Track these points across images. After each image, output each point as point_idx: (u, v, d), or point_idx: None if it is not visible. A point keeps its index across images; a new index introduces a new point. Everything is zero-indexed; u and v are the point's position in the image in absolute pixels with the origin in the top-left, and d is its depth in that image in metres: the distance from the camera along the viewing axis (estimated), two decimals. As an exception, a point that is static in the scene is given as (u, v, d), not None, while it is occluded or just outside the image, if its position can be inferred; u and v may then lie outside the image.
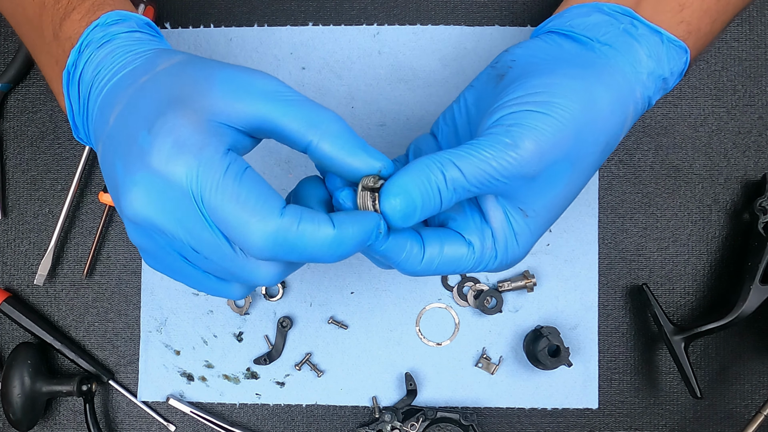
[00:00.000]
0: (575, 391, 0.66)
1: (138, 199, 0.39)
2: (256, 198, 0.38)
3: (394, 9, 0.67)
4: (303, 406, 0.67)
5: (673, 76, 0.51)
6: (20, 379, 0.63)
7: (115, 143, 0.41)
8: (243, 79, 0.41)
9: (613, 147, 0.49)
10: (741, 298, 0.62)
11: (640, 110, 0.50)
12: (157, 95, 0.41)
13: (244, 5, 0.67)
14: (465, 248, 0.46)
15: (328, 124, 0.41)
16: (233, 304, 0.66)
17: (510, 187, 0.44)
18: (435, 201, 0.42)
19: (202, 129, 0.39)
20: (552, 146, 0.44)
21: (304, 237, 0.39)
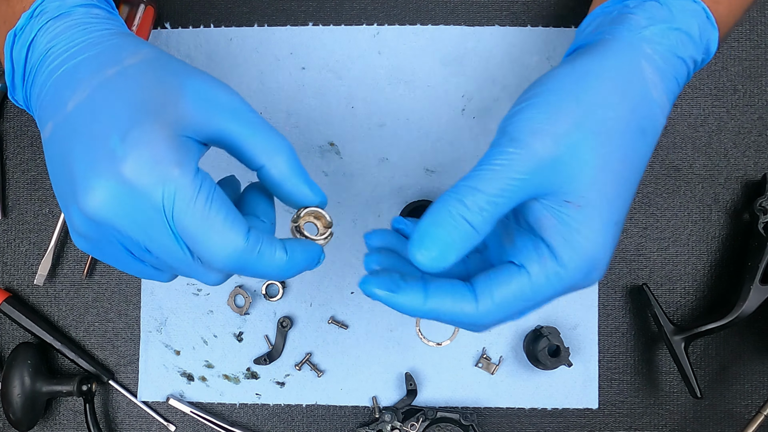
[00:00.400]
0: (575, 391, 0.66)
1: (101, 200, 0.40)
2: (223, 221, 0.41)
3: (394, 9, 0.67)
4: (303, 406, 0.67)
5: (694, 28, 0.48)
6: (20, 379, 0.63)
7: (75, 133, 0.41)
8: (211, 93, 0.43)
9: (649, 100, 0.45)
10: (741, 298, 0.62)
11: (664, 64, 0.47)
12: (127, 97, 0.41)
13: (244, 5, 0.67)
14: (520, 275, 0.43)
15: (281, 153, 0.44)
16: (233, 304, 0.66)
17: (540, 182, 0.42)
18: (466, 231, 0.42)
19: (176, 146, 0.41)
20: (550, 122, 0.43)
21: (262, 260, 0.42)
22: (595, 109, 0.44)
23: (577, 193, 0.43)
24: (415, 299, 0.44)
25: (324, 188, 0.67)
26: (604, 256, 0.44)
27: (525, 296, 0.43)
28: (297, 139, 0.67)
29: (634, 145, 0.45)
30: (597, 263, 0.44)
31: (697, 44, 0.49)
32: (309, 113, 0.67)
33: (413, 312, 0.45)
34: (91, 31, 0.45)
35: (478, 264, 0.50)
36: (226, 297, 0.67)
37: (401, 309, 0.45)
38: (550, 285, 0.43)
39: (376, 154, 0.67)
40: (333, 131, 0.67)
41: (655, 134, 0.46)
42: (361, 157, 0.67)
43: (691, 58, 0.49)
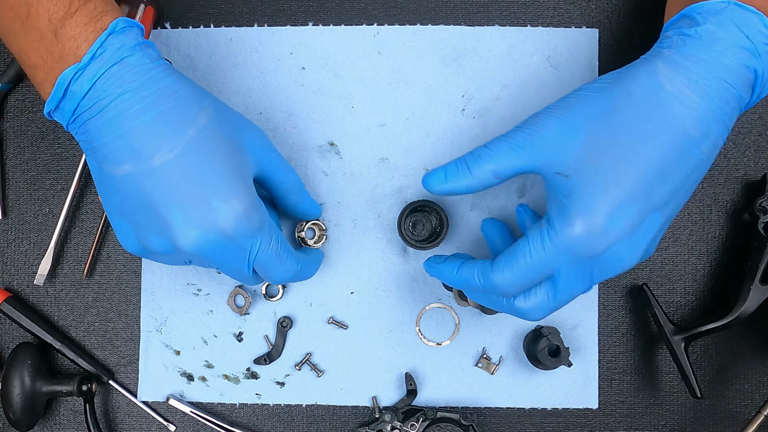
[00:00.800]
0: (575, 391, 0.66)
1: (199, 243, 0.51)
2: (288, 255, 0.56)
3: (394, 9, 0.67)
4: (303, 406, 0.67)
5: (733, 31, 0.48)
6: (20, 379, 0.63)
7: (172, 187, 0.51)
8: (258, 143, 0.56)
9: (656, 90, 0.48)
10: (741, 298, 0.62)
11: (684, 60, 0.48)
12: (215, 159, 0.52)
13: (244, 5, 0.67)
14: (522, 240, 0.51)
15: (294, 187, 0.61)
16: (233, 304, 0.66)
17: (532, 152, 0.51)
18: (461, 168, 0.54)
19: (256, 203, 0.53)
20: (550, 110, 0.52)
21: (303, 273, 0.59)
22: (591, 100, 0.50)
23: (565, 164, 0.50)
24: (451, 269, 0.56)
25: (324, 188, 0.67)
26: (605, 222, 0.48)
27: (526, 257, 0.50)
28: (297, 139, 0.67)
29: (630, 129, 0.48)
30: (594, 227, 0.48)
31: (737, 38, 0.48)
32: (309, 113, 0.67)
33: (451, 281, 0.57)
34: (157, 80, 0.51)
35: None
36: (226, 297, 0.67)
37: (442, 276, 0.58)
38: (544, 245, 0.50)
39: (376, 154, 0.67)
40: (333, 131, 0.67)
41: (666, 120, 0.48)
42: (361, 157, 0.67)
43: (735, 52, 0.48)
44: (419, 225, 0.64)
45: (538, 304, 0.53)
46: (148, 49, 0.52)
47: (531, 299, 0.53)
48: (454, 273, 0.56)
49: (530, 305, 0.53)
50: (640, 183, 0.48)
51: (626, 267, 0.51)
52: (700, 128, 0.48)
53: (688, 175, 0.49)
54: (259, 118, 0.67)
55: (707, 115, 0.48)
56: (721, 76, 0.48)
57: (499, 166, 0.52)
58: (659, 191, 0.49)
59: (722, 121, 0.49)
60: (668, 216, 0.51)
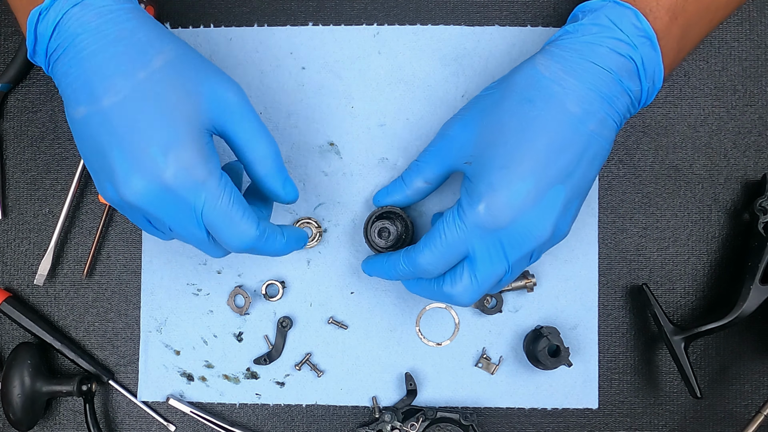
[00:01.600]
0: (575, 391, 0.66)
1: (139, 192, 0.50)
2: (241, 217, 0.53)
3: (394, 9, 0.67)
4: (303, 406, 0.67)
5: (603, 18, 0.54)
6: (20, 379, 0.63)
7: (112, 132, 0.50)
8: (224, 94, 0.53)
9: (535, 77, 0.54)
10: (741, 298, 0.62)
11: (561, 51, 0.54)
12: (160, 106, 0.50)
13: (244, 5, 0.67)
14: (439, 223, 0.56)
15: (268, 156, 0.55)
16: (233, 304, 0.66)
17: (446, 152, 0.59)
18: (399, 182, 0.63)
19: (205, 156, 0.51)
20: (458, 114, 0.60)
21: (267, 244, 0.55)
22: (484, 97, 0.57)
23: (468, 154, 0.56)
24: (381, 260, 0.61)
25: (324, 188, 0.67)
26: (505, 195, 0.53)
27: (442, 237, 0.55)
28: (297, 139, 0.67)
29: (516, 112, 0.54)
30: (496, 201, 0.53)
31: (609, 28, 0.54)
32: (309, 113, 0.67)
33: (385, 272, 0.60)
34: (117, 23, 0.51)
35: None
36: (226, 297, 0.67)
37: (379, 272, 0.61)
38: (455, 223, 0.55)
39: (376, 154, 0.67)
40: (333, 131, 0.67)
41: (547, 100, 0.53)
42: (361, 157, 0.67)
43: (607, 41, 0.54)
44: (385, 232, 0.64)
45: (464, 288, 0.56)
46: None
47: (457, 284, 0.56)
48: (384, 263, 0.60)
49: (457, 290, 0.56)
50: (532, 158, 0.53)
51: (538, 240, 0.54)
52: (582, 106, 0.53)
53: (581, 150, 0.53)
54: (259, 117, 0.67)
55: (586, 94, 0.53)
56: (594, 61, 0.53)
57: (425, 174, 0.61)
58: (555, 165, 0.53)
59: (606, 101, 0.53)
60: (573, 190, 0.54)
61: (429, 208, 0.66)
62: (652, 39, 0.54)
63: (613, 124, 0.54)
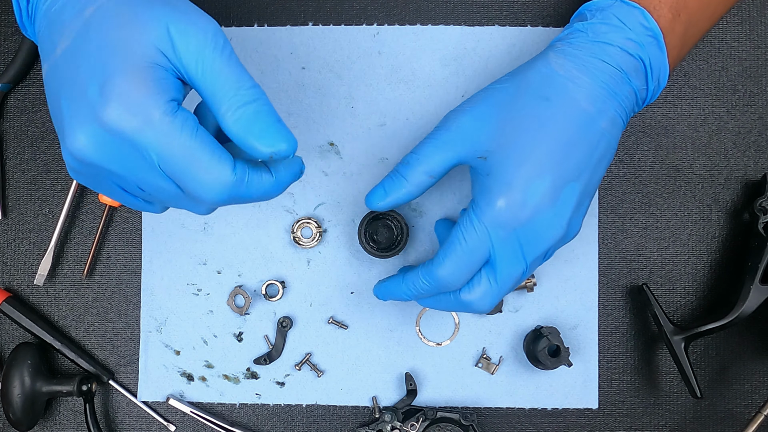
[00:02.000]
0: (575, 391, 0.66)
1: (84, 144, 0.43)
2: (210, 157, 0.44)
3: (394, 9, 0.67)
4: (303, 406, 0.67)
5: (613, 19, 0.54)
6: (20, 379, 0.63)
7: (61, 80, 0.44)
8: (181, 29, 0.44)
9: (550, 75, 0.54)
10: (741, 298, 0.62)
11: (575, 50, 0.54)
12: (102, 41, 0.43)
13: (244, 5, 0.67)
14: (455, 229, 0.54)
15: (244, 99, 0.45)
16: (233, 304, 0.66)
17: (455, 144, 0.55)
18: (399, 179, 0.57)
19: (153, 89, 0.42)
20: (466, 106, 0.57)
21: (251, 187, 0.46)
22: (498, 90, 0.56)
23: (483, 148, 0.54)
24: (397, 282, 0.58)
25: (324, 188, 0.67)
26: (523, 193, 0.52)
27: (462, 243, 0.53)
28: (297, 139, 0.67)
29: (533, 108, 0.54)
30: (514, 199, 0.52)
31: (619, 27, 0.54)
32: (309, 113, 0.67)
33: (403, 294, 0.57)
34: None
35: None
36: (226, 297, 0.67)
37: (396, 295, 0.58)
38: (474, 225, 0.53)
39: (376, 154, 0.67)
40: (333, 131, 0.67)
41: (562, 98, 0.53)
42: (361, 157, 0.67)
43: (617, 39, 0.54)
44: (379, 234, 0.64)
45: (483, 293, 0.54)
46: None
47: (475, 289, 0.55)
48: (401, 284, 0.57)
49: (476, 295, 0.55)
50: (549, 155, 0.53)
51: (553, 239, 0.53)
52: (595, 104, 0.53)
53: (593, 147, 0.53)
54: (259, 118, 0.67)
55: (599, 93, 0.53)
56: (605, 60, 0.54)
57: (429, 166, 0.56)
58: (569, 162, 0.53)
59: (616, 100, 0.54)
60: (584, 188, 0.54)
61: (429, 209, 0.66)
62: (659, 38, 0.54)
63: (621, 123, 0.55)
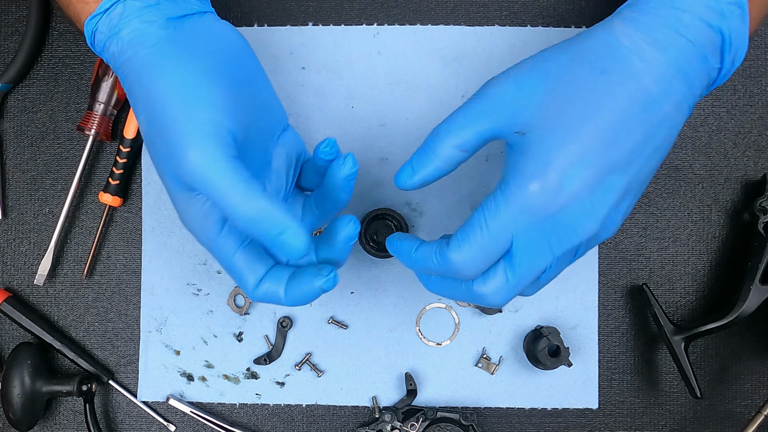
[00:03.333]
0: (575, 391, 0.66)
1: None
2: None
3: (394, 9, 0.67)
4: (303, 406, 0.67)
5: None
6: (20, 379, 0.63)
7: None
8: (182, 158, 0.46)
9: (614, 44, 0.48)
10: (741, 298, 0.62)
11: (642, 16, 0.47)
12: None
13: (244, 5, 0.67)
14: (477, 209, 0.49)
15: (249, 216, 0.46)
16: (233, 304, 0.66)
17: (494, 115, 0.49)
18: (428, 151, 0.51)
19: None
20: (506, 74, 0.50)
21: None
22: (548, 59, 0.49)
23: (523, 122, 0.48)
24: (409, 248, 0.52)
25: (324, 188, 0.67)
26: (560, 177, 0.46)
27: (482, 227, 0.47)
28: (297, 139, 0.67)
29: (587, 81, 0.47)
30: (549, 183, 0.46)
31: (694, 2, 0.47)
32: (309, 113, 0.67)
33: (408, 261, 0.52)
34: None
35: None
36: (226, 297, 0.67)
37: (403, 258, 0.52)
38: (498, 207, 0.47)
39: (376, 154, 0.67)
40: (333, 131, 0.67)
41: (623, 73, 0.47)
42: (361, 157, 0.67)
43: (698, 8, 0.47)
44: (379, 234, 0.64)
45: (498, 286, 0.49)
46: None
47: (490, 281, 0.49)
48: (412, 252, 0.51)
49: (490, 288, 0.49)
50: (597, 137, 0.46)
51: (587, 234, 0.47)
52: (660, 85, 0.46)
53: (650, 135, 0.47)
54: (259, 118, 0.67)
55: (667, 71, 0.46)
56: (681, 32, 0.46)
57: (461, 139, 0.50)
58: (618, 148, 0.46)
59: (686, 81, 0.47)
60: (630, 181, 0.47)
61: (429, 209, 0.66)
62: (743, 7, 0.47)
63: (687, 109, 0.48)
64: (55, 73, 0.68)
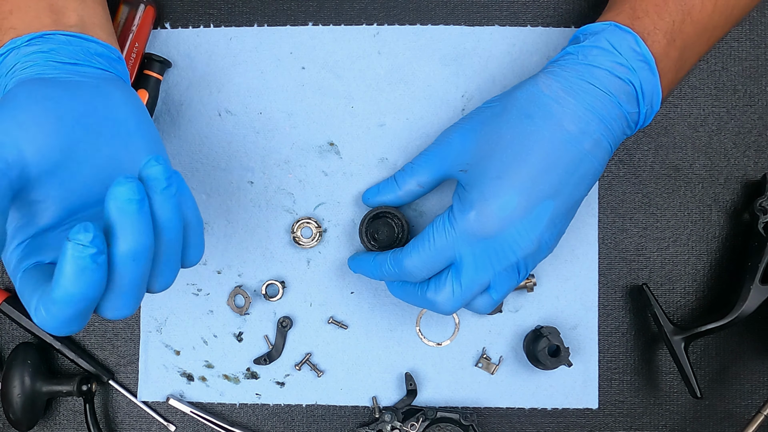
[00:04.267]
0: (575, 391, 0.66)
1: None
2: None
3: (394, 9, 0.67)
4: (303, 406, 0.67)
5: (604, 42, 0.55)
6: (20, 379, 0.63)
7: None
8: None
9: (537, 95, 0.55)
10: (741, 298, 0.62)
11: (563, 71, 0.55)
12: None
13: (244, 5, 0.67)
14: (429, 226, 0.58)
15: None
16: (233, 304, 0.66)
17: (443, 157, 0.59)
18: (391, 183, 0.64)
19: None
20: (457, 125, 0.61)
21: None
22: (486, 109, 0.58)
23: (464, 162, 0.57)
24: (367, 259, 0.62)
25: (324, 188, 0.67)
26: (496, 206, 0.54)
27: (431, 241, 0.56)
28: (297, 139, 0.67)
29: (514, 125, 0.55)
30: (487, 211, 0.54)
31: (609, 51, 0.55)
32: (309, 113, 0.67)
33: (370, 270, 0.61)
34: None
35: None
36: (226, 297, 0.67)
37: (363, 270, 0.63)
38: (445, 229, 0.56)
39: (376, 154, 0.67)
40: (333, 131, 0.67)
41: (545, 118, 0.54)
42: (361, 157, 0.67)
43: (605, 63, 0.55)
44: (380, 232, 0.64)
45: (447, 294, 0.56)
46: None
47: (440, 291, 0.57)
48: (371, 261, 0.61)
49: (440, 297, 0.57)
50: (526, 172, 0.54)
51: (523, 252, 0.55)
52: (578, 125, 0.54)
53: (574, 168, 0.54)
54: (259, 118, 0.67)
55: (583, 114, 0.54)
56: (592, 82, 0.54)
57: (420, 177, 0.61)
58: (546, 180, 0.54)
59: (603, 123, 0.54)
60: (559, 207, 0.55)
61: (429, 209, 0.66)
62: (651, 63, 0.55)
63: (608, 146, 0.55)
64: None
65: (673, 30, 0.55)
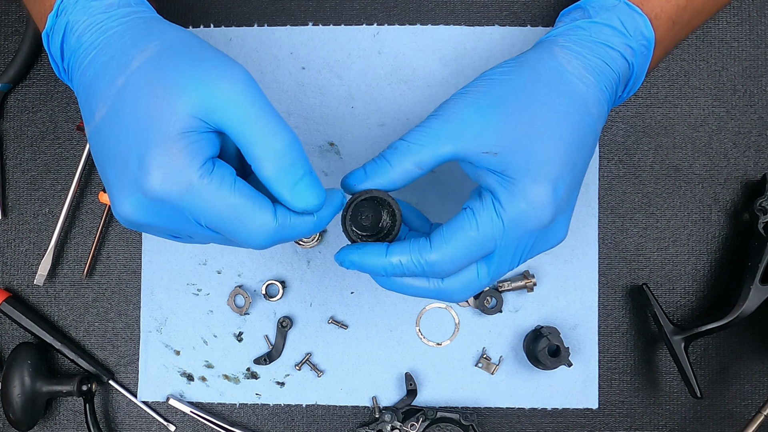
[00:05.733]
0: (575, 391, 0.66)
1: (132, 211, 0.46)
2: (251, 208, 0.45)
3: (394, 9, 0.67)
4: (303, 406, 0.67)
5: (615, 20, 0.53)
6: (20, 379, 0.63)
7: (103, 148, 0.47)
8: (211, 87, 0.45)
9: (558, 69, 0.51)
10: (741, 298, 0.62)
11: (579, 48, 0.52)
12: (136, 111, 0.45)
13: (244, 5, 0.67)
14: (466, 213, 0.50)
15: (278, 150, 0.46)
16: (233, 304, 0.66)
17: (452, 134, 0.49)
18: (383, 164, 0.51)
19: (188, 153, 0.44)
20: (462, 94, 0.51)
21: (294, 229, 0.47)
22: (502, 82, 0.51)
23: (491, 143, 0.49)
24: (378, 253, 0.50)
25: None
26: (549, 194, 0.48)
27: (473, 231, 0.49)
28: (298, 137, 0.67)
29: (548, 104, 0.50)
30: (541, 200, 0.48)
31: (622, 33, 0.53)
32: (309, 113, 0.67)
33: (379, 268, 0.50)
34: (104, 31, 0.49)
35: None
36: (226, 297, 0.67)
37: (368, 267, 0.50)
38: (492, 219, 0.49)
39: (376, 154, 0.67)
40: (333, 131, 0.67)
41: (574, 98, 0.50)
42: (361, 157, 0.67)
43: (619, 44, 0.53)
44: (363, 215, 0.52)
45: (467, 284, 0.51)
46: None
47: (464, 282, 0.51)
48: (383, 256, 0.50)
49: (458, 285, 0.51)
50: (568, 157, 0.50)
51: (556, 242, 0.52)
52: (597, 109, 0.51)
53: (590, 152, 0.52)
54: (259, 118, 0.67)
55: (601, 96, 0.52)
56: (608, 63, 0.52)
57: (421, 156, 0.50)
58: (578, 165, 0.50)
59: (608, 105, 0.53)
60: (579, 191, 0.53)
61: (429, 209, 0.66)
62: (650, 49, 0.54)
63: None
64: (55, 73, 0.68)
65: (676, 14, 0.54)
